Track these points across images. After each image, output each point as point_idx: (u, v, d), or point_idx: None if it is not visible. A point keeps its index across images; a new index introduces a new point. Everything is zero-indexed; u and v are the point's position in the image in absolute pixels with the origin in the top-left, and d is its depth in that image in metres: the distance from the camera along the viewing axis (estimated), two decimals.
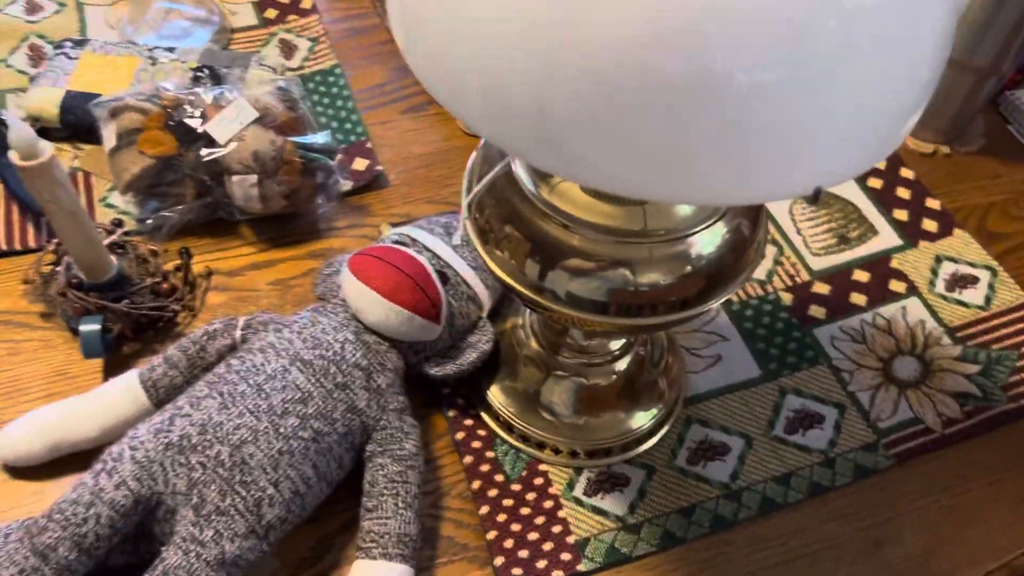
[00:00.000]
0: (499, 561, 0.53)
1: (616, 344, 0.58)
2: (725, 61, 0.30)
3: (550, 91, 0.32)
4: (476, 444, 0.57)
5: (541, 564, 0.53)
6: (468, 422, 0.58)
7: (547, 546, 0.53)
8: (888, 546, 0.55)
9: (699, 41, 0.30)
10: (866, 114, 0.33)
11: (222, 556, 0.46)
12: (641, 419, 0.58)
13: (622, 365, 0.59)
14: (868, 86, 0.32)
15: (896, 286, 0.68)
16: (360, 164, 0.72)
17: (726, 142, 0.31)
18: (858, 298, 0.67)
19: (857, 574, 0.54)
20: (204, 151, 0.63)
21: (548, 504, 0.55)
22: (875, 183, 0.75)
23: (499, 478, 0.56)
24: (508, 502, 0.55)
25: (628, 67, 0.31)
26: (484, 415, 0.59)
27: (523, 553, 0.53)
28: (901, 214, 0.73)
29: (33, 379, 0.59)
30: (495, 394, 0.59)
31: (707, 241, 0.47)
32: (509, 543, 0.53)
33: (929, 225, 0.72)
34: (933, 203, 0.73)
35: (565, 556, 0.53)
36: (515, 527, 0.54)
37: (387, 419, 0.53)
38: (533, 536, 0.54)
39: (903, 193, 0.74)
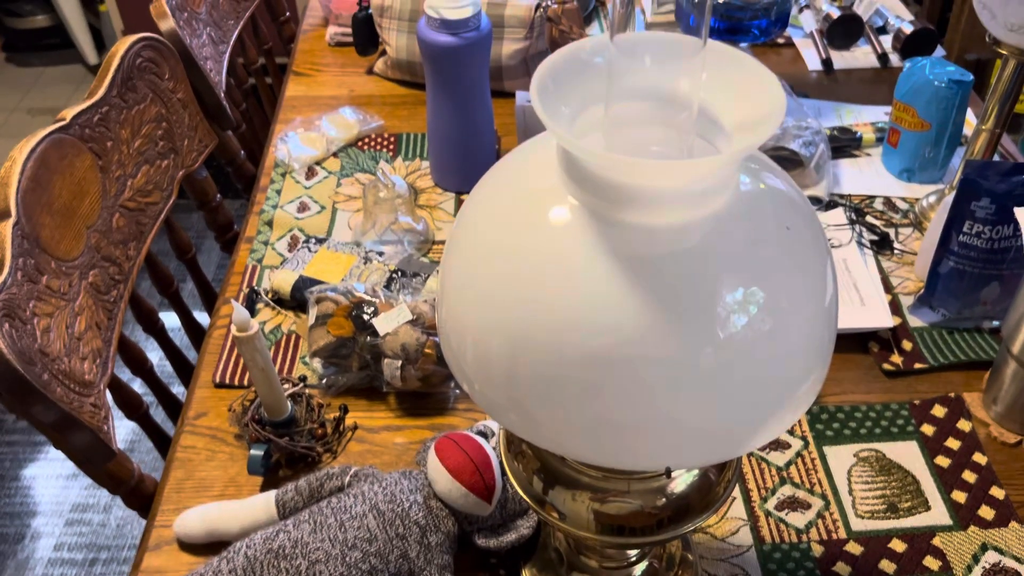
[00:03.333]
0: None
1: (632, 552, 0.69)
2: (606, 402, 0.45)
3: (513, 369, 0.48)
4: None
5: None
6: None
7: None
8: None
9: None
10: (705, 434, 0.46)
11: None
12: None
13: (636, 572, 0.70)
14: (708, 415, 0.45)
15: (931, 563, 0.72)
16: None
17: (605, 435, 0.46)
18: (888, 566, 0.72)
19: None
20: (370, 338, 0.85)
21: None
22: (943, 462, 0.80)
23: None
24: None
25: (557, 370, 0.46)
26: None
27: None
28: (960, 496, 0.77)
29: (216, 481, 0.81)
30: (527, 574, 0.72)
31: (679, 481, 0.58)
32: None
33: (986, 512, 0.75)
34: (998, 492, 0.77)
35: None
36: None
37: (429, 571, 0.68)
38: None
39: (969, 476, 0.78)
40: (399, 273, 0.99)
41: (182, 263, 1.12)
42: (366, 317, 0.86)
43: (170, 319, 1.27)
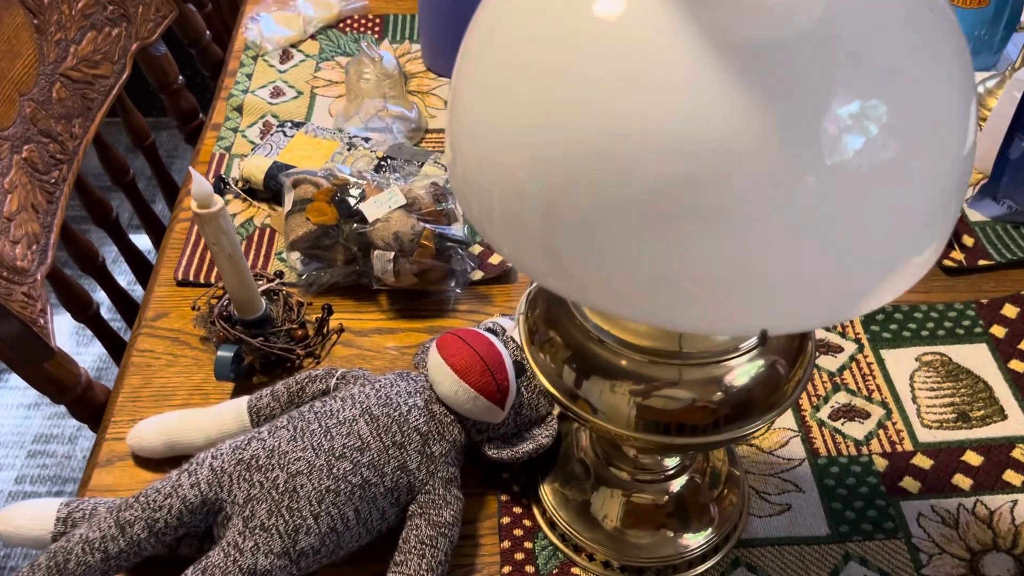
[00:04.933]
0: None
1: (671, 463, 0.59)
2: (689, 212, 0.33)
3: (553, 213, 0.36)
4: (518, 532, 0.60)
5: None
6: (517, 509, 0.61)
7: None
8: None
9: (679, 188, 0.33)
10: (821, 278, 0.34)
11: (254, 567, 0.52)
12: (685, 548, 0.58)
13: (675, 487, 0.60)
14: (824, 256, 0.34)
15: (1012, 477, 0.62)
16: (496, 258, 0.79)
17: (669, 291, 0.34)
18: (963, 480, 0.62)
19: None
20: (356, 226, 0.72)
21: None
22: (1018, 366, 0.69)
23: (530, 569, 0.58)
24: None
25: (614, 204, 0.35)
26: (533, 506, 0.61)
27: None
28: None
29: (178, 388, 0.70)
30: (546, 490, 0.61)
31: (741, 372, 0.48)
32: None
33: None
34: None
35: None
36: None
37: (432, 485, 0.57)
38: None
39: None
40: (388, 160, 0.86)
41: (139, 152, 0.99)
42: (352, 201, 0.73)
43: (142, 241, 1.15)
